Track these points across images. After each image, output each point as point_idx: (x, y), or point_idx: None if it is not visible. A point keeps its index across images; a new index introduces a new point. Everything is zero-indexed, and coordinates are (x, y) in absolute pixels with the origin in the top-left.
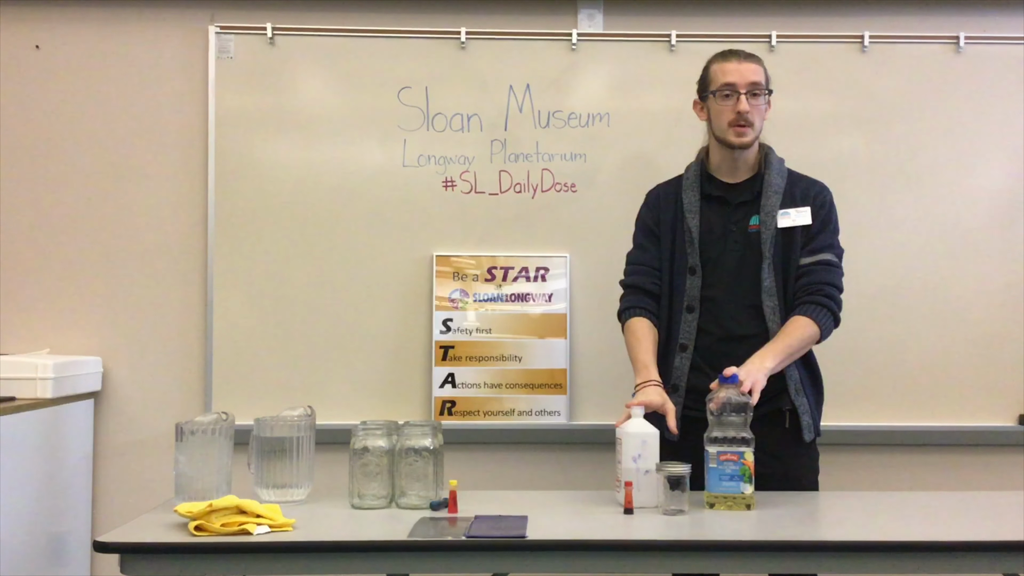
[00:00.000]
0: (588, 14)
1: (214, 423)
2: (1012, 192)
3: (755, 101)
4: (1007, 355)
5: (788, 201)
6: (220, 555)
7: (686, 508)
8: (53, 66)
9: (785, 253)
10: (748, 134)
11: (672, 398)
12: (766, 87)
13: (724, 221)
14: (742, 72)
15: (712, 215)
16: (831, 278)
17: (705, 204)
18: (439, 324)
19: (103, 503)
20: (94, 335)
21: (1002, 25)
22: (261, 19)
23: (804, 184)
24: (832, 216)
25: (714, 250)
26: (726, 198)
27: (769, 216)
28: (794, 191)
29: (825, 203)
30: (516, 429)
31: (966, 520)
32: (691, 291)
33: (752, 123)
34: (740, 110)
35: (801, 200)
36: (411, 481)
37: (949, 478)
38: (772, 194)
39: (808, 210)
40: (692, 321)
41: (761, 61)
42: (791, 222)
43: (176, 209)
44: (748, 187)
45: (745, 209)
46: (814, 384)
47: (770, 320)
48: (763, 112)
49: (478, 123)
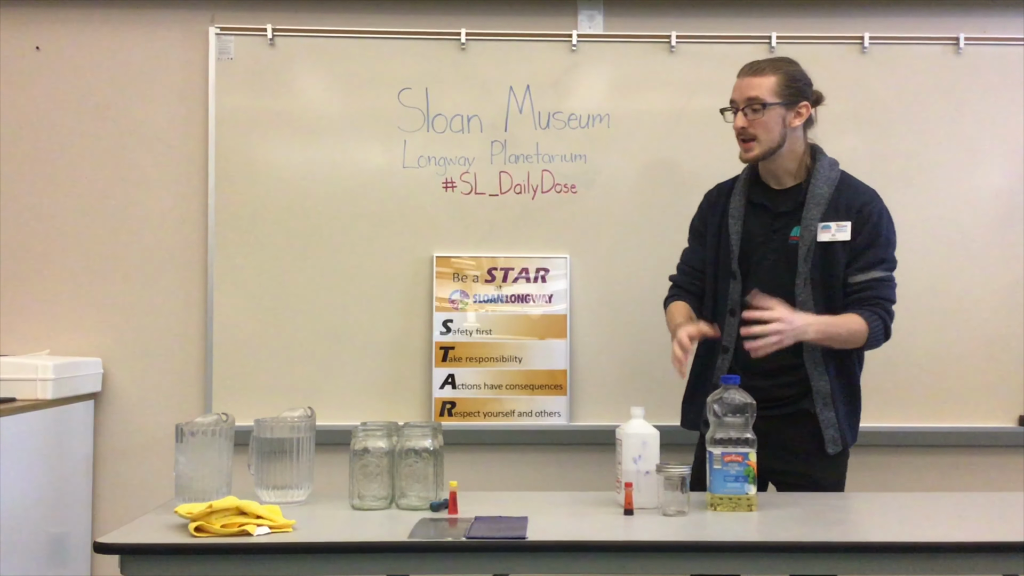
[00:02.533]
0: (588, 15)
1: (214, 424)
2: (1012, 193)
3: (755, 116)
4: (1007, 356)
5: (832, 212)
6: (220, 556)
7: (686, 509)
8: (53, 67)
9: (824, 267)
10: (753, 148)
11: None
12: (773, 100)
13: (766, 229)
14: (741, 88)
15: (755, 222)
16: (885, 292)
17: (750, 209)
18: (439, 325)
19: (103, 504)
20: (94, 336)
21: (1002, 26)
22: (261, 20)
23: (851, 194)
24: (881, 228)
25: (753, 257)
26: (769, 206)
27: (808, 229)
28: (839, 202)
29: (872, 215)
30: (516, 430)
31: (966, 521)
32: (733, 295)
33: (754, 137)
34: (736, 126)
35: (846, 212)
36: (411, 482)
37: (949, 479)
38: (814, 205)
39: (848, 225)
40: (734, 324)
41: (775, 71)
42: (831, 237)
43: (176, 210)
44: (792, 196)
45: (787, 219)
46: (848, 398)
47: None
48: (771, 124)
49: (478, 124)
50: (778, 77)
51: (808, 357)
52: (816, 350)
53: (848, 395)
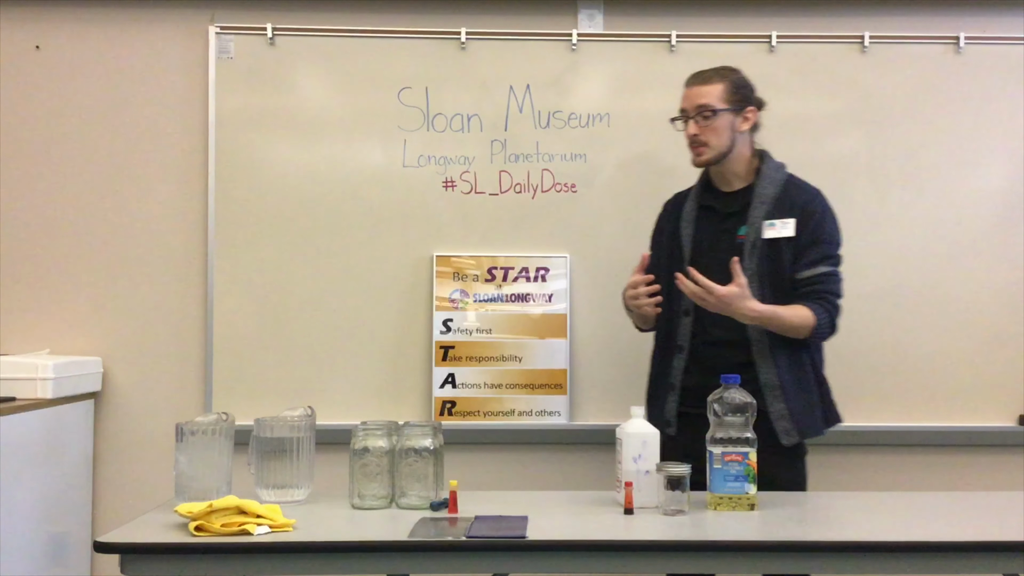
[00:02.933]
0: (588, 14)
1: (214, 423)
2: (1012, 192)
3: (706, 122)
4: (1007, 355)
5: (777, 211)
6: (220, 555)
7: (686, 508)
8: (53, 66)
9: (771, 263)
10: (704, 153)
11: (671, 396)
12: (722, 106)
13: (715, 230)
14: (690, 97)
15: (705, 225)
16: (831, 287)
17: (702, 213)
18: (439, 324)
19: (103, 503)
20: (94, 335)
21: (1002, 25)
22: (261, 19)
23: (795, 192)
24: (824, 226)
25: (705, 258)
26: (717, 208)
27: (754, 227)
28: (784, 201)
29: (815, 213)
30: (516, 429)
31: (966, 520)
32: (686, 296)
33: (705, 143)
34: (688, 134)
35: (790, 210)
36: (411, 481)
37: (949, 478)
38: (760, 204)
39: (792, 222)
40: (687, 324)
41: (721, 79)
42: (775, 233)
43: (176, 209)
44: (740, 197)
45: (735, 219)
46: (801, 390)
47: (750, 328)
48: (721, 130)
49: (478, 123)
50: (725, 85)
51: (756, 350)
52: (764, 343)
53: (802, 387)
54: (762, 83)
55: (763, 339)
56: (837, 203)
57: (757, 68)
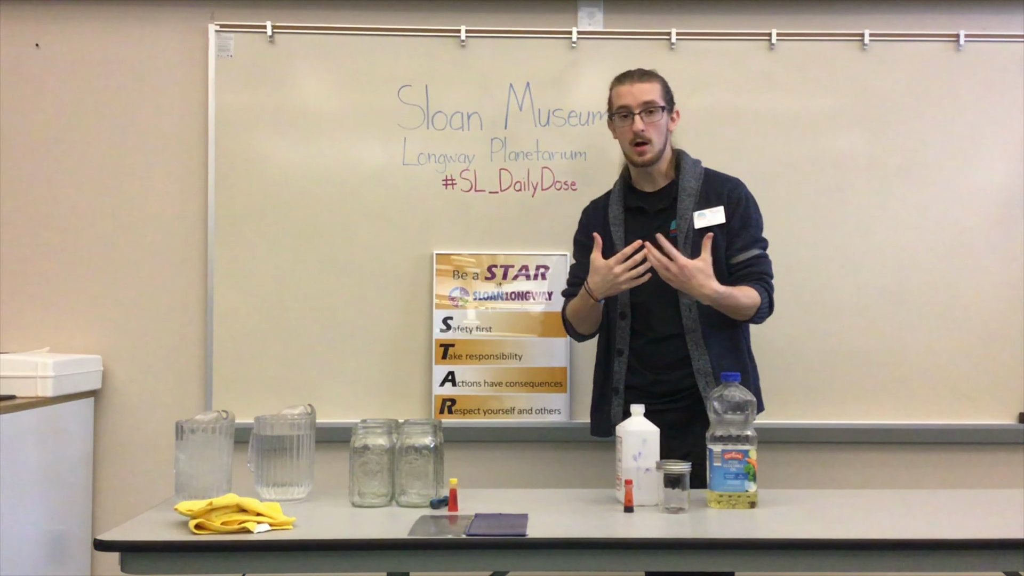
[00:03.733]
0: (588, 12)
1: (214, 421)
2: (1012, 190)
3: (651, 118)
4: (1007, 353)
5: (703, 202)
6: (220, 553)
7: (686, 506)
8: (53, 65)
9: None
10: (647, 152)
11: (615, 400)
12: (663, 103)
13: (646, 229)
14: (634, 93)
15: (635, 225)
16: (766, 268)
17: (629, 216)
18: (439, 322)
19: (103, 501)
20: (94, 333)
21: (1002, 23)
22: (261, 17)
23: (718, 183)
24: (750, 211)
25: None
26: (645, 208)
27: (684, 219)
28: (709, 191)
29: (740, 199)
30: (516, 427)
31: (967, 518)
32: (622, 299)
33: (649, 140)
34: (635, 129)
35: (716, 199)
36: (411, 479)
37: (949, 476)
38: (686, 197)
39: (721, 209)
40: (625, 327)
41: (658, 78)
42: (707, 222)
43: (176, 207)
44: (665, 194)
45: (664, 216)
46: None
47: (685, 317)
48: (662, 127)
49: (478, 121)
50: (661, 84)
51: (690, 340)
52: (697, 333)
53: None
54: (762, 81)
55: (696, 328)
56: (836, 201)
57: (757, 66)
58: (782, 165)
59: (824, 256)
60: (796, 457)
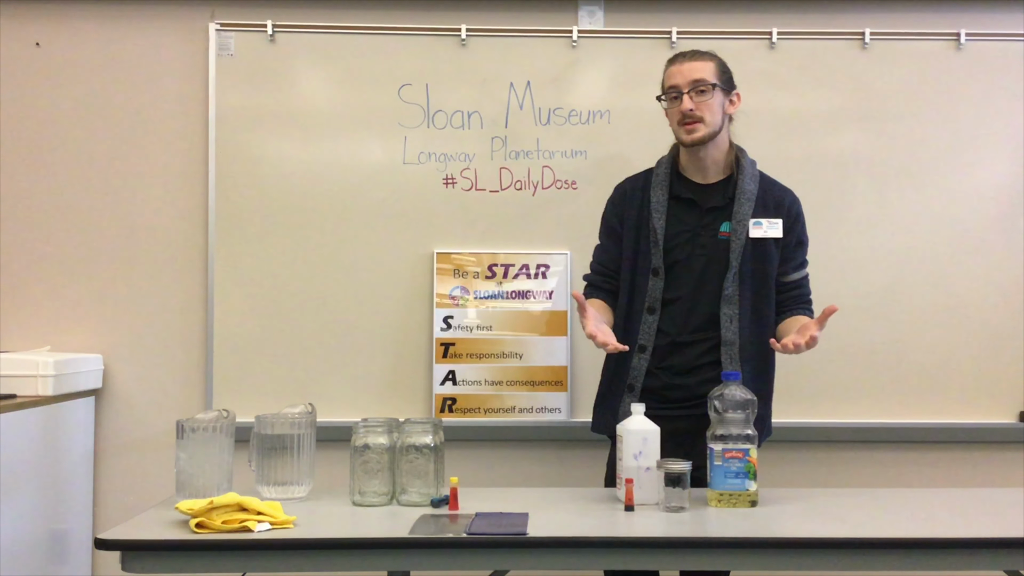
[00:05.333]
0: (589, 11)
1: (215, 420)
2: (1013, 189)
3: (701, 98)
4: (1008, 352)
5: (760, 209)
6: (221, 552)
7: (687, 505)
8: (53, 64)
9: (756, 263)
10: (699, 129)
11: (628, 398)
12: (716, 82)
13: (693, 224)
14: (683, 72)
15: (681, 216)
16: (809, 290)
17: (673, 204)
18: (440, 321)
19: (104, 500)
20: (95, 332)
21: (1003, 22)
22: (261, 16)
23: (777, 192)
24: (805, 228)
25: (680, 253)
26: (696, 201)
27: (741, 225)
28: (767, 199)
29: (800, 216)
30: (517, 426)
31: (967, 517)
32: (653, 292)
33: (701, 119)
34: (683, 109)
35: (775, 210)
36: (412, 478)
37: (950, 475)
38: (745, 201)
39: (780, 223)
40: (652, 323)
41: (711, 58)
42: (763, 233)
43: (176, 206)
44: (720, 191)
45: (716, 214)
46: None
47: (725, 328)
48: (715, 107)
49: (479, 120)
50: (716, 63)
51: (726, 355)
52: (734, 348)
53: (761, 398)
54: (763, 80)
55: (735, 343)
56: (837, 200)
57: (758, 65)
58: (782, 164)
59: (824, 255)
60: (797, 456)
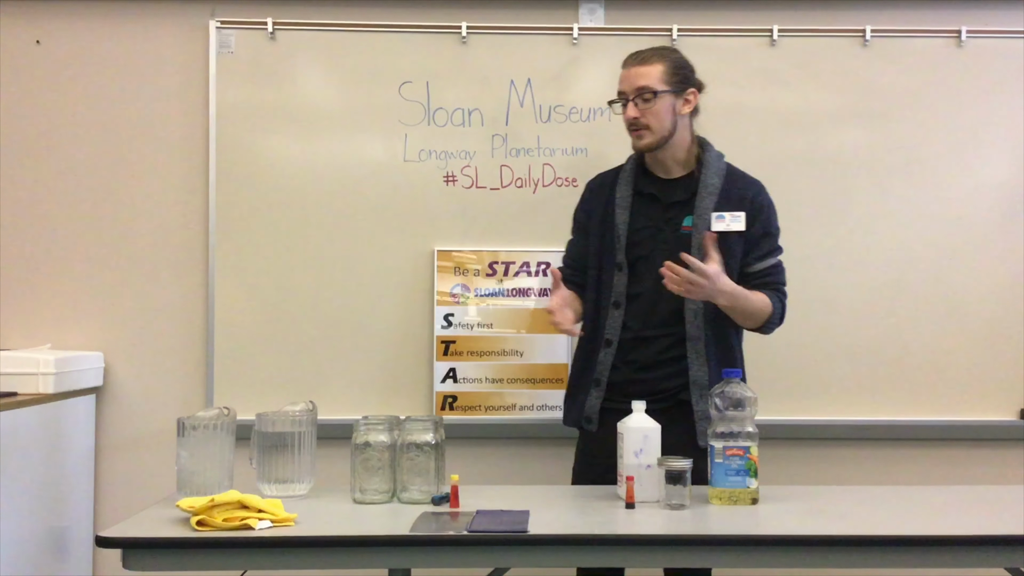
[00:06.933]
0: (589, 8)
1: (216, 418)
2: (1013, 187)
3: (646, 105)
4: (1008, 349)
5: (724, 202)
6: (222, 550)
7: (687, 502)
8: (53, 61)
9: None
10: (645, 136)
11: (594, 392)
12: (661, 88)
13: (656, 219)
14: (630, 79)
15: (644, 212)
16: (782, 278)
17: (638, 200)
18: (440, 319)
19: (105, 498)
20: (95, 330)
21: (1004, 19)
22: (262, 14)
23: (741, 185)
24: (772, 218)
25: (643, 248)
26: (658, 195)
27: (702, 219)
28: (731, 191)
29: (764, 205)
30: (517, 424)
31: (968, 514)
32: (617, 287)
33: (647, 126)
34: (627, 118)
35: (738, 202)
36: (412, 476)
37: (950, 472)
38: (707, 195)
39: (743, 216)
40: (618, 317)
41: (660, 60)
42: (725, 227)
43: (177, 204)
44: (683, 186)
45: (678, 209)
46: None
47: (689, 323)
48: (662, 113)
49: (479, 118)
50: (665, 65)
51: (691, 347)
52: (700, 340)
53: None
54: (763, 77)
55: (700, 336)
56: (837, 198)
57: (758, 62)
58: (783, 161)
59: (825, 252)
60: (798, 453)
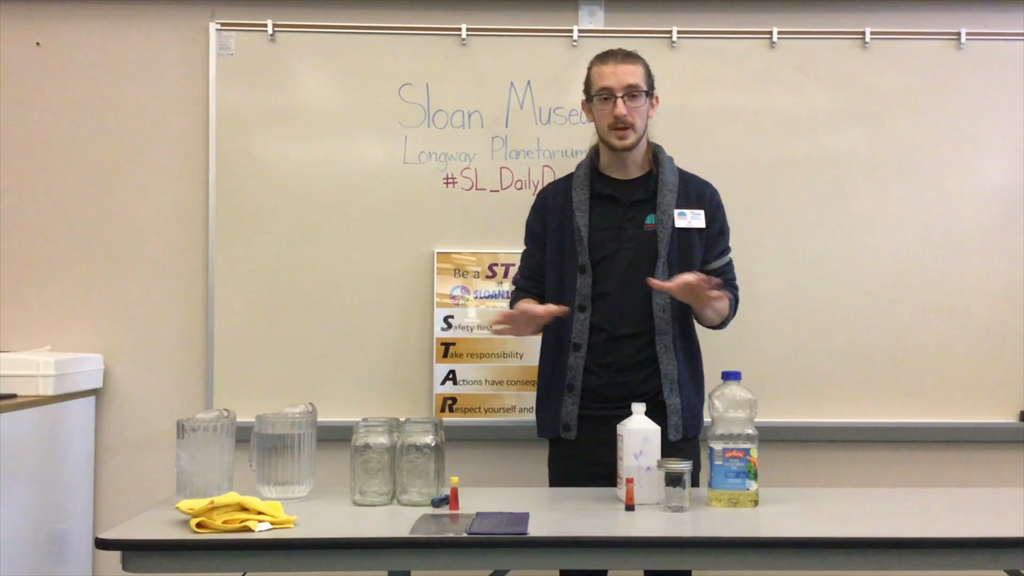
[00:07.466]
0: (589, 10)
1: (215, 420)
2: (1013, 188)
3: (633, 103)
4: (1008, 351)
5: (683, 201)
6: (222, 552)
7: (687, 504)
8: (54, 63)
9: (682, 253)
10: (629, 136)
11: (568, 397)
12: (646, 87)
13: (618, 219)
14: (617, 75)
15: (603, 213)
16: (734, 274)
17: (596, 202)
18: (440, 321)
19: (105, 500)
20: (95, 332)
21: (1003, 21)
22: (262, 16)
23: (697, 185)
24: (725, 217)
25: (606, 248)
26: (618, 196)
27: (666, 215)
28: (688, 191)
29: (720, 206)
30: (517, 426)
31: (968, 516)
32: (582, 290)
33: (632, 125)
34: (617, 114)
35: (696, 201)
36: (412, 478)
37: (950, 474)
38: (668, 193)
39: (702, 213)
40: (584, 320)
41: (641, 61)
42: (687, 224)
43: (177, 206)
44: (642, 185)
45: (640, 207)
46: (694, 386)
47: (658, 317)
48: (644, 112)
49: (479, 120)
50: (644, 67)
51: (660, 343)
52: (668, 336)
53: (695, 383)
54: (763, 79)
55: (668, 331)
56: (837, 200)
57: (758, 64)
58: (782, 163)
59: (824, 254)
60: (798, 456)
